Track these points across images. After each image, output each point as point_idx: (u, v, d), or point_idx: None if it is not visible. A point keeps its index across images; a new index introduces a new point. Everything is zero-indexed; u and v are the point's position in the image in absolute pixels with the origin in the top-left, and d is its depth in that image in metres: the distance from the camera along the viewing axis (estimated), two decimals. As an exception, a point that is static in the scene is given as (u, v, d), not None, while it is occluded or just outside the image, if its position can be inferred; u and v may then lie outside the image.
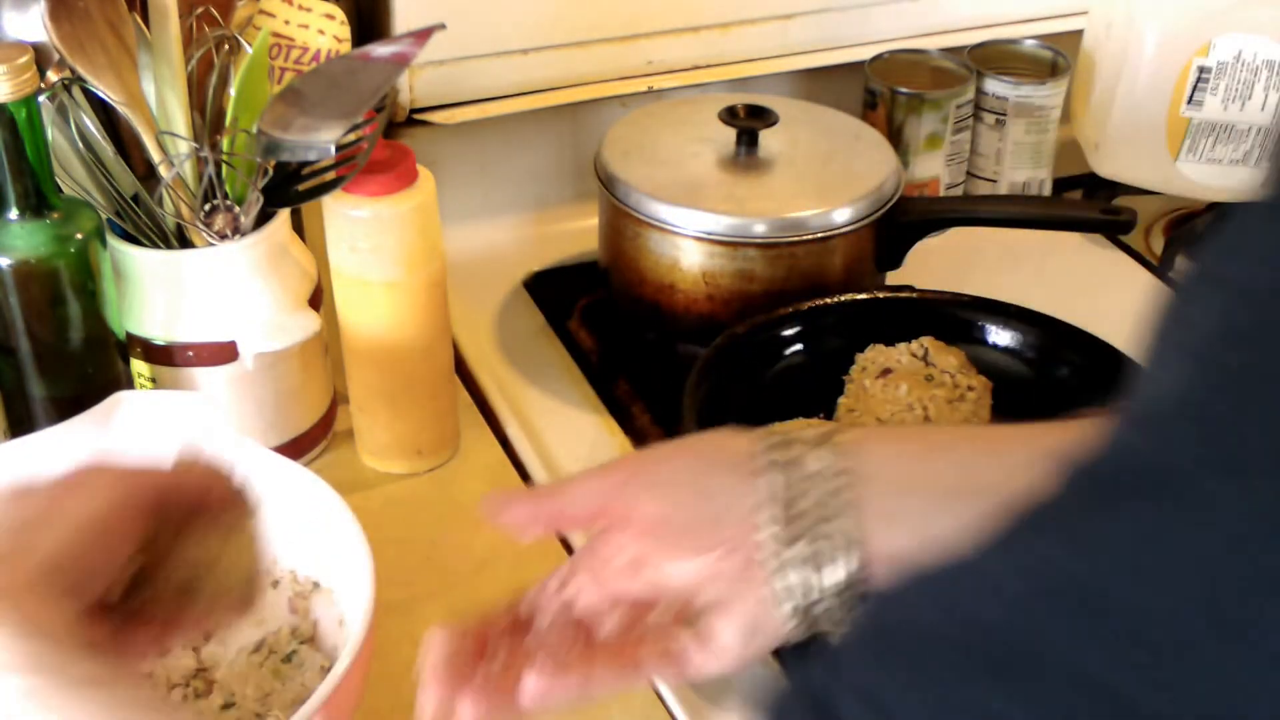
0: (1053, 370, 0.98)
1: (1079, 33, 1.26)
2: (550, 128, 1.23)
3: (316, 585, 0.80)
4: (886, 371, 0.98)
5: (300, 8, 0.94)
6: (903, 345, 0.99)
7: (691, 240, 1.02)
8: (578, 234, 1.22)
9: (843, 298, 1.01)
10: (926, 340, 0.99)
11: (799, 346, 1.00)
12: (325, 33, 0.94)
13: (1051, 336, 0.99)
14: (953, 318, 1.01)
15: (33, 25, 0.85)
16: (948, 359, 0.98)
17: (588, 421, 1.04)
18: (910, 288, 1.08)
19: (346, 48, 0.95)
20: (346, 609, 0.76)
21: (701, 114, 1.11)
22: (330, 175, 0.88)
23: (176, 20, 0.87)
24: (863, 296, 1.02)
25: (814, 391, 0.98)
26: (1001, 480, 0.53)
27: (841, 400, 0.98)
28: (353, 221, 0.89)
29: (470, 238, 1.19)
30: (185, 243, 0.91)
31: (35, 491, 0.58)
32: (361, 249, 0.89)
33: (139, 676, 0.69)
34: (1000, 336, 1.00)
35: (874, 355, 0.99)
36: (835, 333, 1.00)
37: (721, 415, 0.92)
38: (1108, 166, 1.24)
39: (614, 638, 0.66)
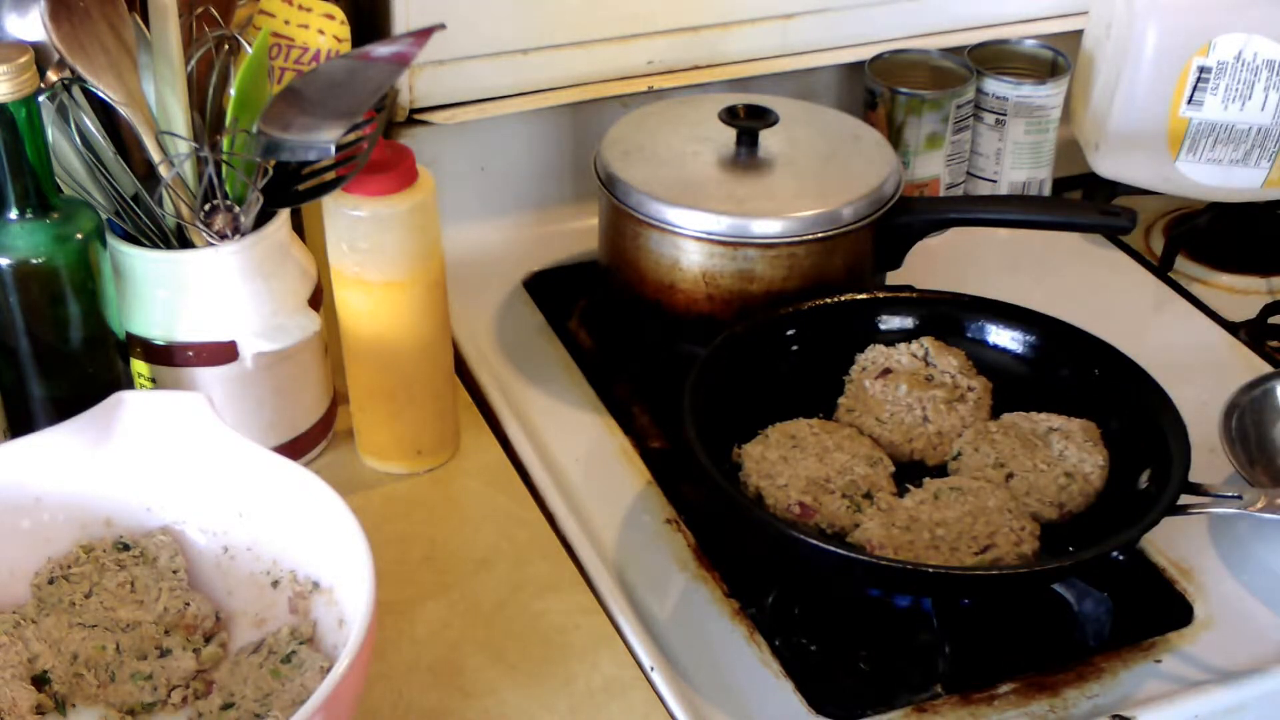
0: (1053, 370, 0.98)
1: (1079, 33, 1.26)
2: (550, 128, 1.22)
3: (316, 585, 0.80)
4: (886, 371, 0.98)
5: (300, 8, 0.94)
6: (903, 345, 0.99)
7: (691, 240, 1.02)
8: (578, 234, 1.22)
9: (843, 298, 1.01)
10: (926, 340, 0.99)
11: (799, 346, 1.00)
12: (325, 33, 0.94)
13: (1051, 336, 0.99)
14: (953, 318, 1.01)
15: (33, 25, 0.85)
16: (948, 359, 0.98)
17: (588, 421, 1.04)
18: (910, 288, 1.08)
19: (346, 48, 0.95)
20: (346, 609, 0.76)
21: (701, 114, 1.11)
22: (330, 175, 0.88)
23: (176, 20, 0.87)
24: (863, 296, 1.02)
25: (814, 391, 0.98)
26: None
27: (841, 400, 0.98)
28: (353, 221, 0.89)
29: (470, 238, 1.19)
30: (185, 243, 0.91)
31: None
32: (361, 249, 0.89)
33: None
34: (1000, 336, 1.00)
35: (874, 355, 0.99)
36: (835, 333, 1.00)
37: (721, 415, 0.92)
38: (1108, 166, 1.24)
39: None
